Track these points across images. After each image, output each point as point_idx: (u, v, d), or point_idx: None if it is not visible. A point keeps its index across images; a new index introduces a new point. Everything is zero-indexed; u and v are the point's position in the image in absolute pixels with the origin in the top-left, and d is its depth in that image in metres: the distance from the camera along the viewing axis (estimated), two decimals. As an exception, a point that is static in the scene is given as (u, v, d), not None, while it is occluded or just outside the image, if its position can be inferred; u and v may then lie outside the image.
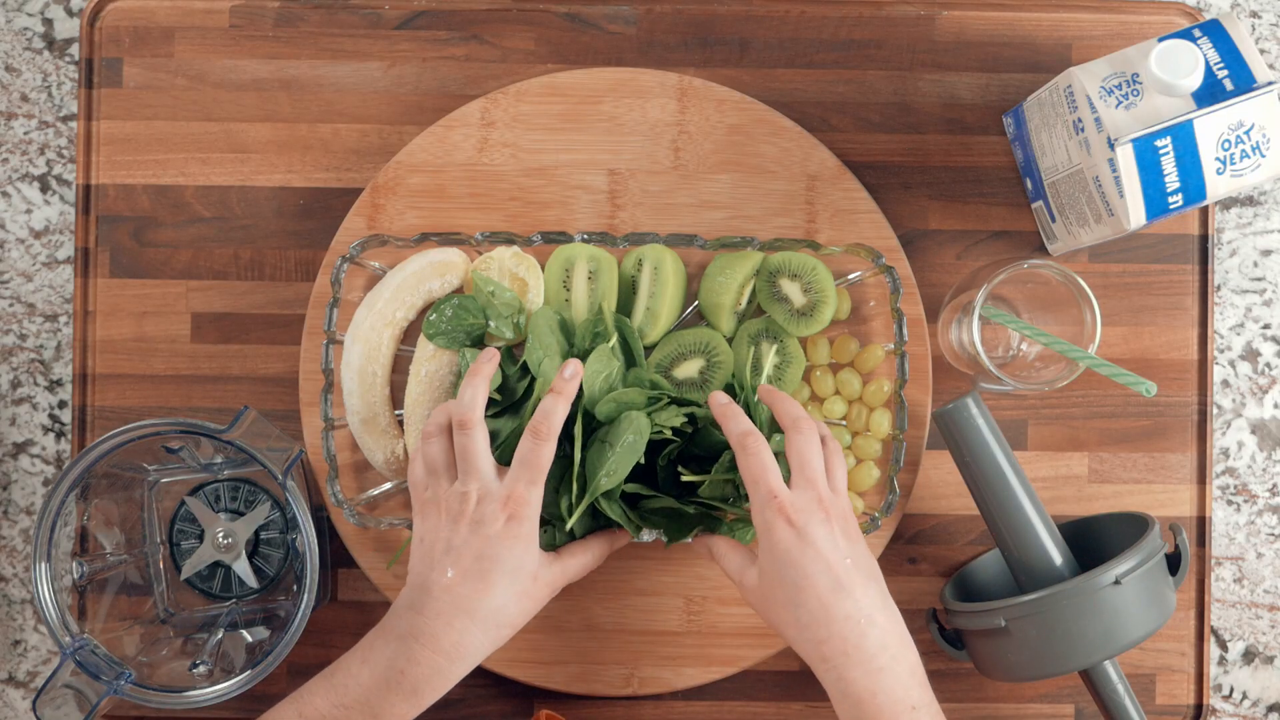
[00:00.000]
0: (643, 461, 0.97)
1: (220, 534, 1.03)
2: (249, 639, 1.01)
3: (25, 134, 1.07)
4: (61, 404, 1.06)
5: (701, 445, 0.98)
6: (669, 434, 0.97)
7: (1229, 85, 0.89)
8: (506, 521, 0.89)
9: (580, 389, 0.98)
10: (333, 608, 1.05)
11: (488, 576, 0.88)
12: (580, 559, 0.94)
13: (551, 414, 0.91)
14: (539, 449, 0.90)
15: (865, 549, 0.88)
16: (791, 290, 1.01)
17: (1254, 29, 1.08)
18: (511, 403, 1.00)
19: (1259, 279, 1.08)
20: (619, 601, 1.03)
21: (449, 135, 1.04)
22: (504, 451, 0.97)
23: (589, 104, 1.04)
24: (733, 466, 0.98)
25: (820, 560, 0.86)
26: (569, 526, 0.95)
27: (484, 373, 0.94)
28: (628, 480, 0.96)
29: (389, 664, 0.88)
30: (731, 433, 0.91)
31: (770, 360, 1.00)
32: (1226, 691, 1.07)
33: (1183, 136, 0.89)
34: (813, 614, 0.85)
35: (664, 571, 1.03)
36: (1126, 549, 0.94)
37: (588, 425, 0.98)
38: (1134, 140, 0.89)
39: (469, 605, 0.88)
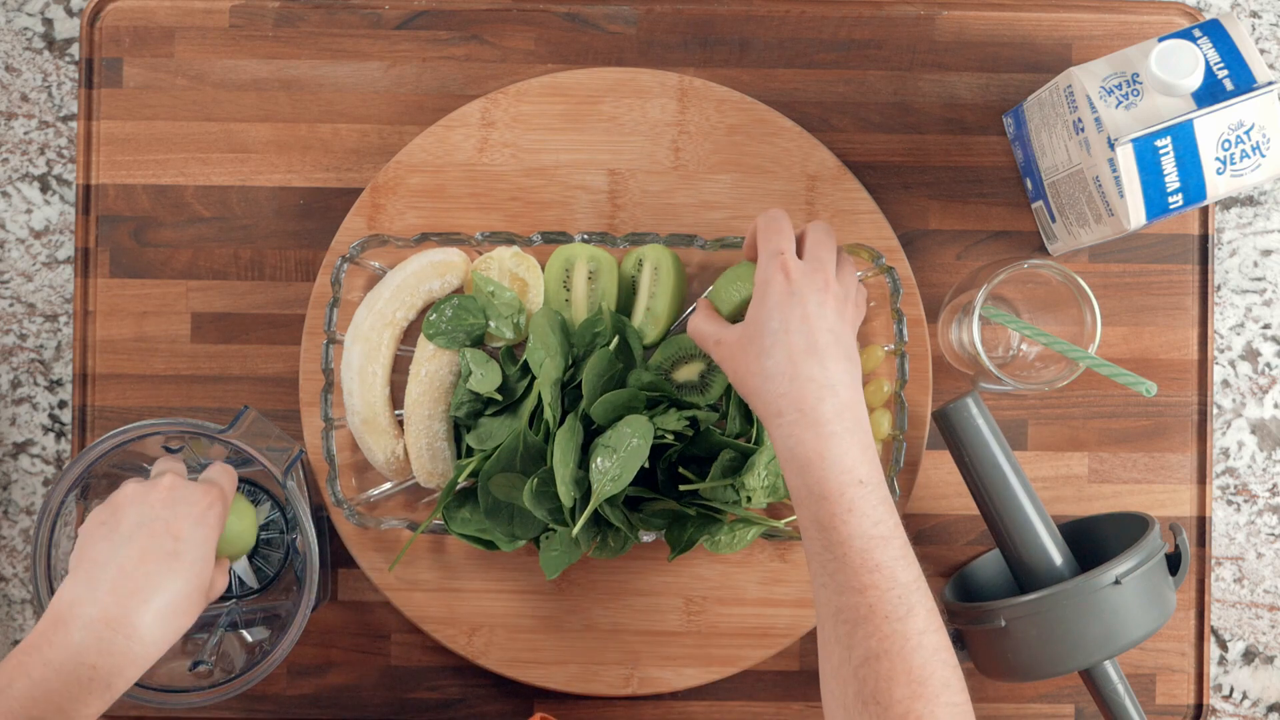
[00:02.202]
0: (646, 465, 0.97)
1: (220, 534, 1.03)
2: (249, 639, 1.01)
3: (25, 134, 1.07)
4: (61, 404, 1.06)
5: (701, 447, 0.98)
6: (670, 438, 0.97)
7: (1229, 85, 0.89)
8: (207, 507, 0.89)
9: (580, 392, 0.98)
10: (333, 608, 1.05)
11: (180, 556, 0.87)
12: (221, 580, 0.94)
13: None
14: (225, 470, 0.94)
15: (851, 336, 0.88)
16: None
17: (1254, 29, 1.08)
18: (510, 403, 1.00)
19: (1259, 279, 1.08)
20: (619, 601, 1.03)
21: (449, 135, 1.04)
22: (500, 453, 0.97)
23: (589, 104, 1.04)
24: (732, 468, 0.98)
25: (804, 320, 0.86)
26: (574, 533, 0.95)
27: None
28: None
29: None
30: (758, 235, 0.91)
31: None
32: (1226, 691, 1.07)
33: (1183, 136, 0.89)
34: (779, 366, 0.85)
35: (664, 571, 1.03)
36: (1126, 549, 0.94)
37: (587, 428, 0.98)
38: (1134, 140, 0.89)
39: (157, 583, 0.86)
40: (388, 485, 1.03)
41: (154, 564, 0.85)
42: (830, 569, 0.82)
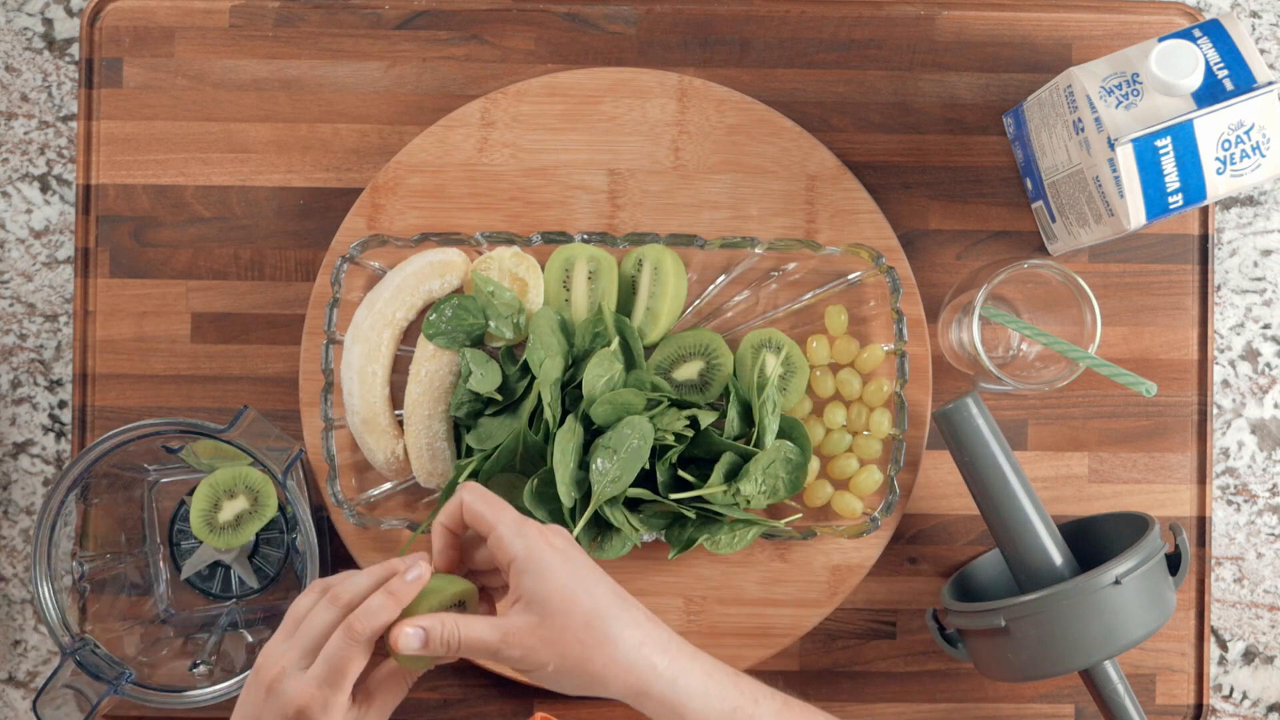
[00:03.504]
0: (646, 466, 0.97)
1: (220, 534, 1.03)
2: (249, 639, 1.01)
3: (25, 134, 1.07)
4: (61, 404, 1.06)
5: (702, 447, 0.98)
6: (671, 439, 0.97)
7: (1229, 85, 0.89)
8: (294, 716, 0.77)
9: (580, 392, 0.98)
10: (333, 608, 1.05)
11: None
12: (390, 702, 0.81)
13: (376, 615, 0.77)
14: (349, 651, 0.77)
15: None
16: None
17: (1254, 29, 1.08)
18: (510, 402, 1.00)
19: (1259, 279, 1.08)
20: (619, 601, 1.03)
21: (449, 135, 1.04)
22: (500, 453, 0.97)
23: (589, 104, 1.04)
24: (733, 471, 0.98)
25: (597, 581, 0.79)
26: (574, 534, 0.96)
27: (403, 596, 0.79)
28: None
29: None
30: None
31: (775, 370, 1.00)
32: (1226, 691, 1.07)
33: (1183, 136, 0.89)
34: (620, 643, 0.78)
35: (664, 571, 1.03)
36: (1126, 549, 0.94)
37: (587, 428, 0.98)
38: (1134, 140, 0.89)
39: None
40: (388, 485, 1.03)
41: None
42: None
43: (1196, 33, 0.91)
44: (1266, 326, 1.07)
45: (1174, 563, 0.98)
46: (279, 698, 0.77)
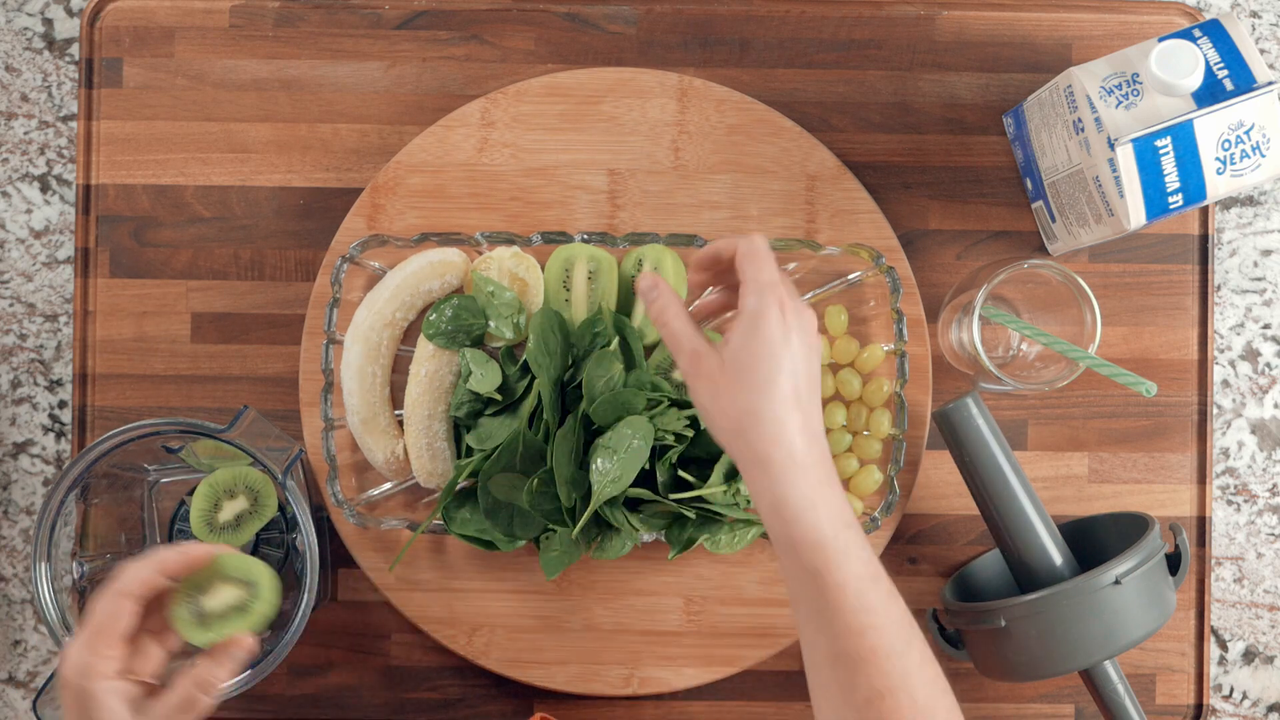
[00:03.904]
0: (646, 466, 0.97)
1: (220, 534, 1.03)
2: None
3: (25, 134, 1.07)
4: (61, 404, 1.06)
5: (702, 447, 0.98)
6: (671, 439, 0.97)
7: (1229, 85, 0.89)
8: (62, 688, 0.81)
9: (580, 392, 0.98)
10: (333, 608, 1.05)
11: None
12: (182, 692, 0.83)
13: (137, 572, 0.82)
14: (109, 606, 0.81)
15: (820, 381, 0.86)
16: None
17: (1254, 29, 1.08)
18: (510, 402, 1.00)
19: (1259, 279, 1.08)
20: (619, 601, 1.03)
21: (449, 135, 1.04)
22: (501, 453, 0.97)
23: (589, 104, 1.04)
24: (733, 470, 0.98)
25: (794, 364, 0.82)
26: (574, 534, 0.96)
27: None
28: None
29: None
30: (735, 251, 0.87)
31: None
32: (1226, 691, 1.07)
33: (1183, 136, 0.89)
34: (771, 411, 0.82)
35: (664, 571, 1.03)
36: (1126, 549, 0.94)
37: (587, 428, 0.98)
38: (1134, 140, 0.89)
39: None
40: (388, 485, 1.03)
41: None
42: (825, 615, 0.81)
43: (1196, 33, 0.91)
44: (1266, 326, 1.07)
45: (1174, 563, 0.98)
46: (61, 678, 0.81)
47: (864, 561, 0.82)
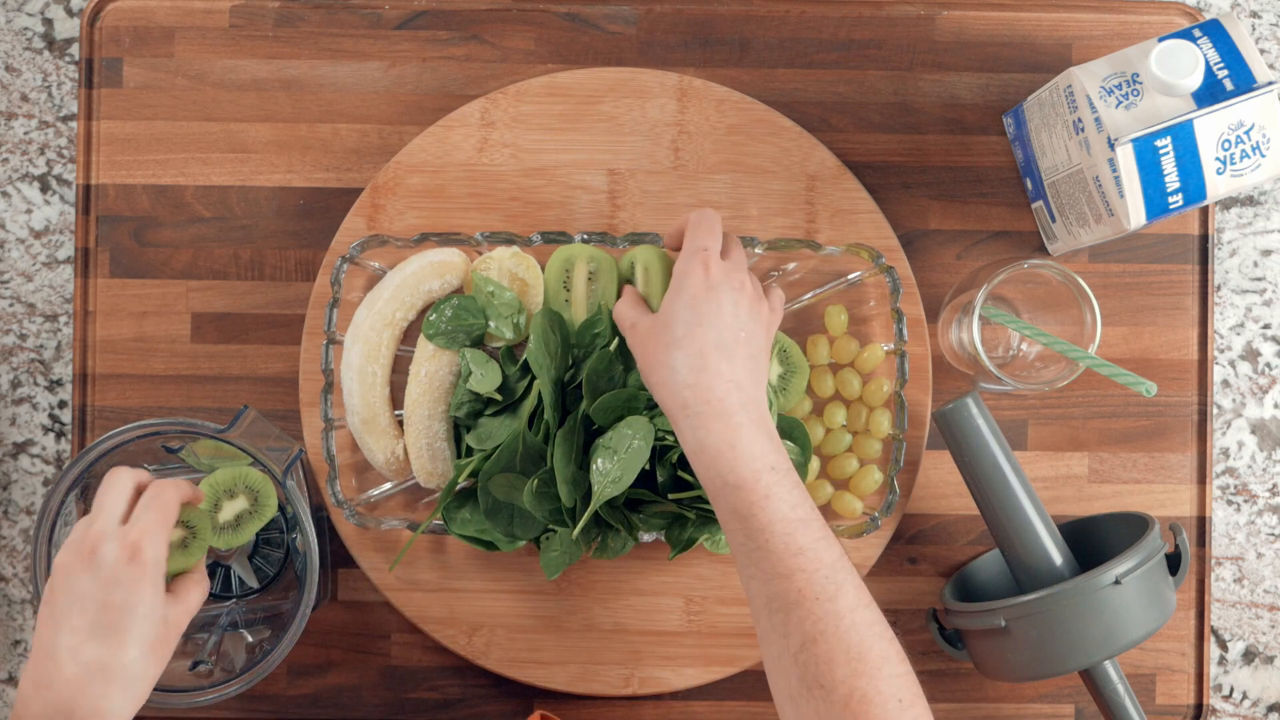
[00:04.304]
0: (646, 467, 0.97)
1: (220, 534, 1.03)
2: (249, 639, 1.01)
3: (25, 134, 1.07)
4: (61, 404, 1.06)
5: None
6: (671, 440, 0.97)
7: (1229, 85, 0.89)
8: (129, 562, 0.82)
9: (580, 392, 0.98)
10: (333, 608, 1.05)
11: (118, 628, 0.82)
12: (197, 591, 0.89)
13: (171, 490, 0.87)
14: (164, 492, 0.86)
15: (762, 338, 0.90)
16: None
17: (1254, 29, 1.08)
18: (510, 402, 1.00)
19: (1259, 279, 1.08)
20: (619, 601, 1.03)
21: (449, 135, 1.04)
22: (501, 453, 0.97)
23: (589, 104, 1.04)
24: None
25: (718, 316, 0.87)
26: (574, 535, 0.96)
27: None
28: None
29: None
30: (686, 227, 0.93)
31: (774, 370, 1.00)
32: (1226, 691, 1.07)
33: (1183, 136, 0.89)
34: (690, 360, 0.86)
35: (664, 571, 1.03)
36: (1126, 549, 0.94)
37: (588, 428, 0.98)
38: (1134, 140, 0.89)
39: (103, 665, 0.81)
40: (388, 485, 1.03)
41: (93, 646, 0.81)
42: (755, 558, 0.83)
43: (1196, 33, 0.91)
44: (1266, 326, 1.07)
45: (1174, 563, 0.98)
46: (106, 553, 0.82)
47: (792, 505, 0.83)
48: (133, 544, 0.83)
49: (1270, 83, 0.89)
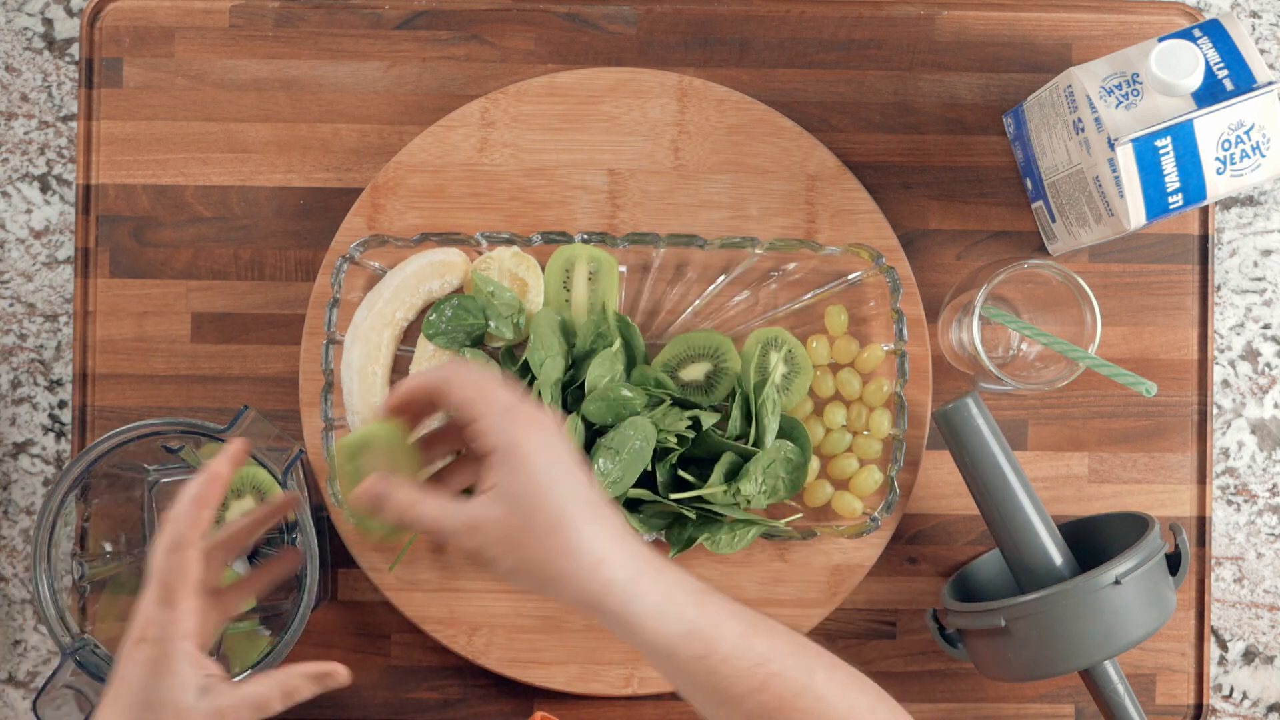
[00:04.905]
0: (648, 467, 0.97)
1: (220, 534, 1.03)
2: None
3: (25, 134, 1.07)
4: (61, 404, 1.06)
5: (703, 448, 0.98)
6: (673, 442, 0.97)
7: (1229, 85, 0.89)
8: (135, 644, 0.79)
9: (580, 392, 0.98)
10: (333, 608, 1.05)
11: (128, 715, 0.79)
12: (262, 691, 0.82)
13: (179, 521, 0.80)
14: (171, 562, 0.79)
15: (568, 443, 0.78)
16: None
17: (1254, 29, 1.08)
18: (511, 403, 1.00)
19: (1259, 279, 1.08)
20: (619, 601, 1.03)
21: (449, 135, 1.04)
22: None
23: (589, 104, 1.04)
24: (733, 471, 0.98)
25: (574, 476, 0.76)
26: None
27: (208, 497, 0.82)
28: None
29: None
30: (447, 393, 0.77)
31: (778, 370, 1.00)
32: (1226, 691, 1.07)
33: (1183, 136, 0.89)
34: (583, 543, 0.74)
35: (664, 571, 1.03)
36: (1126, 549, 0.94)
37: (588, 429, 0.98)
38: (1134, 140, 0.89)
39: None
40: (388, 485, 1.03)
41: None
42: (723, 689, 0.76)
43: (1196, 33, 0.91)
44: (1266, 326, 1.07)
45: (1174, 563, 0.98)
46: (133, 629, 0.79)
47: (735, 616, 0.78)
48: (140, 628, 0.80)
49: (1270, 83, 0.89)
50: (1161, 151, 0.90)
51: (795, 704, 0.77)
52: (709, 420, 0.98)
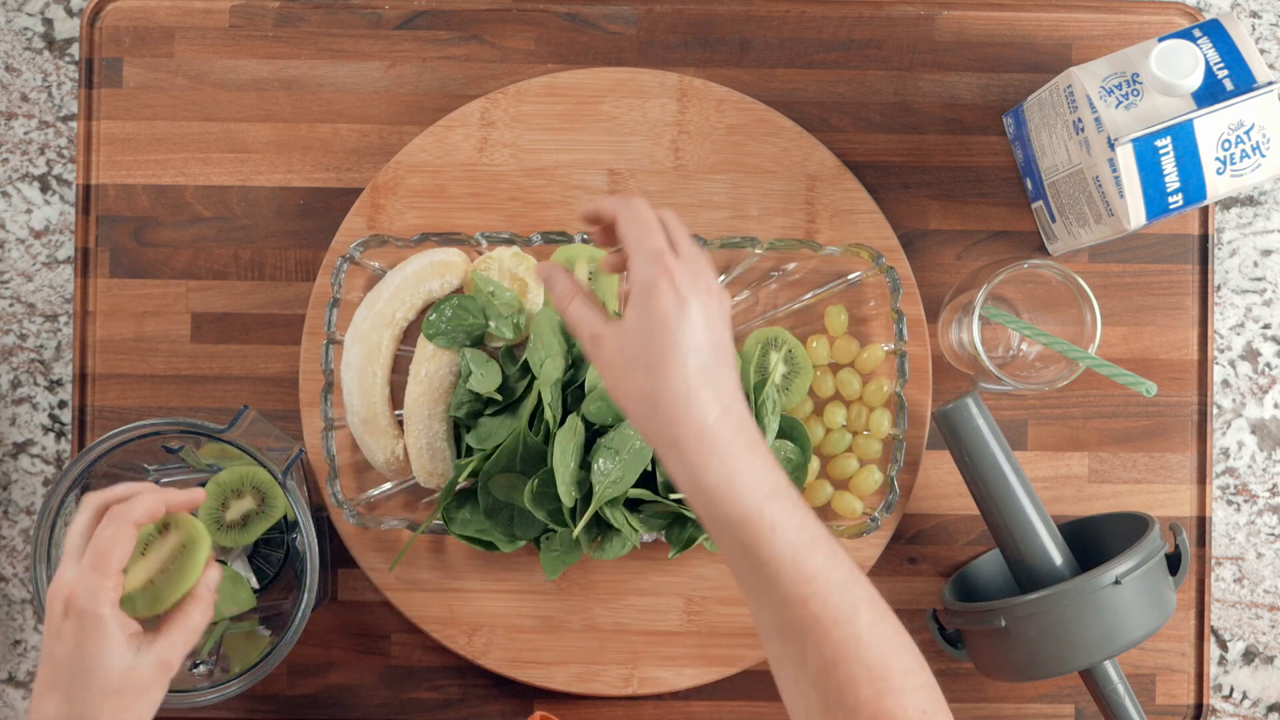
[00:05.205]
0: (649, 468, 0.97)
1: (220, 534, 1.03)
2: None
3: (25, 134, 1.07)
4: (61, 404, 1.06)
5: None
6: None
7: (1229, 85, 0.89)
8: (63, 617, 0.80)
9: (581, 392, 0.98)
10: (333, 608, 1.05)
11: (70, 685, 0.80)
12: (196, 612, 0.85)
13: (140, 503, 0.83)
14: (114, 532, 0.81)
15: (731, 340, 0.81)
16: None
17: (1254, 29, 1.08)
18: (510, 402, 1.00)
19: (1259, 279, 1.08)
20: (619, 601, 1.03)
21: (449, 135, 1.04)
22: (501, 453, 0.97)
23: (589, 104, 1.04)
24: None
25: (694, 335, 0.77)
26: (575, 535, 0.96)
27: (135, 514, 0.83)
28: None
29: None
30: (616, 222, 0.82)
31: (778, 370, 1.00)
32: (1226, 691, 1.07)
33: (1183, 136, 0.89)
34: (673, 390, 0.77)
35: (664, 571, 1.03)
36: (1126, 549, 0.94)
37: (588, 428, 0.98)
38: (1134, 140, 0.89)
39: None
40: (388, 485, 1.03)
41: (54, 702, 0.81)
42: (764, 589, 0.78)
43: (1196, 33, 0.91)
44: (1266, 326, 1.07)
45: (1174, 563, 0.98)
46: (52, 608, 0.81)
47: (796, 529, 0.78)
48: (65, 600, 0.81)
49: (1270, 83, 0.89)
50: (1161, 151, 0.90)
51: (830, 633, 0.77)
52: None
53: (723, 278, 1.03)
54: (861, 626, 0.77)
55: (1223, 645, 1.07)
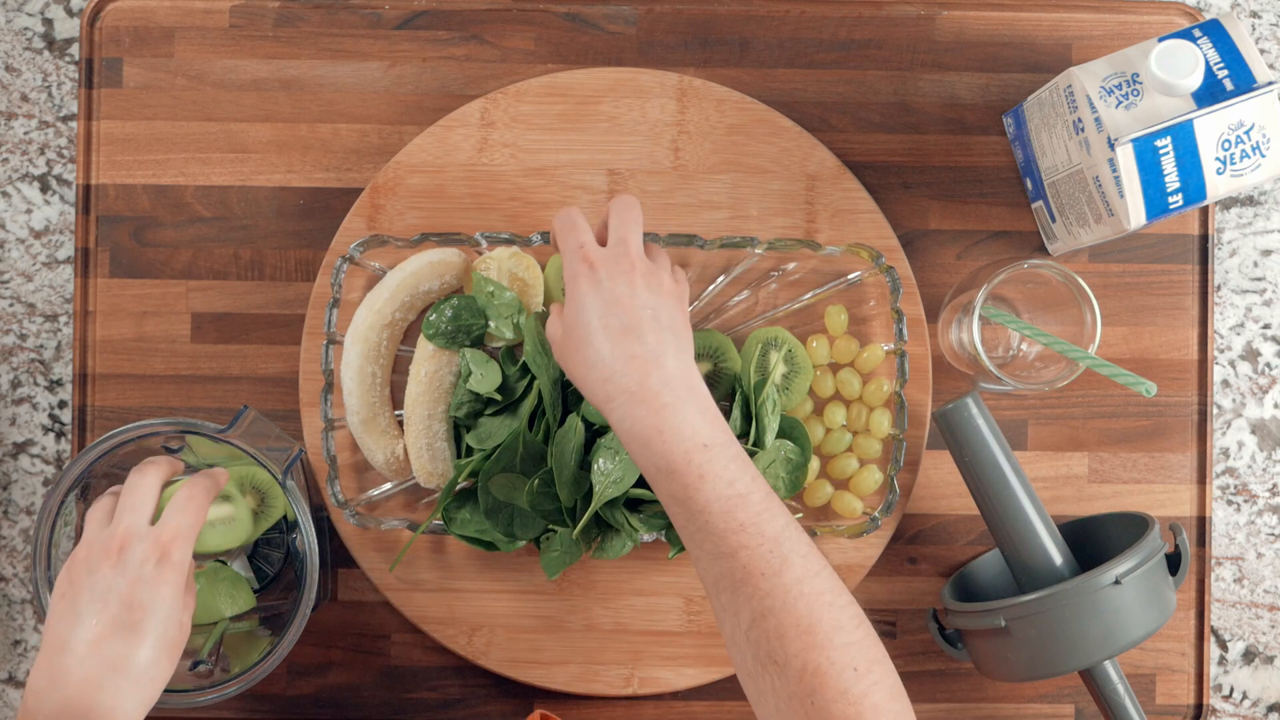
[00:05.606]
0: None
1: (220, 534, 1.03)
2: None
3: (25, 134, 1.07)
4: (61, 404, 1.06)
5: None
6: None
7: (1229, 85, 0.89)
8: (158, 563, 0.83)
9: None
10: (333, 608, 1.05)
11: (139, 628, 0.82)
12: (191, 596, 0.88)
13: (216, 479, 0.90)
14: (198, 494, 0.87)
15: (673, 308, 0.88)
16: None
17: (1254, 29, 1.08)
18: (510, 402, 1.00)
19: (1259, 279, 1.08)
20: (619, 601, 1.03)
21: (449, 135, 1.04)
22: (501, 453, 0.97)
23: (589, 104, 1.04)
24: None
25: (615, 303, 0.86)
26: (575, 535, 0.96)
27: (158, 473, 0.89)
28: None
29: None
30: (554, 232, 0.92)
31: (778, 370, 1.00)
32: (1226, 691, 1.07)
33: (1183, 136, 0.89)
34: (599, 353, 0.85)
35: (664, 571, 1.03)
36: (1126, 549, 0.94)
37: (588, 428, 0.98)
38: (1134, 140, 0.89)
39: (120, 662, 0.81)
40: (388, 485, 1.03)
41: (113, 643, 0.81)
42: (698, 539, 0.82)
43: (1196, 33, 0.91)
44: (1266, 326, 1.07)
45: (1174, 563, 0.98)
46: (135, 553, 0.83)
47: (728, 481, 0.81)
48: (164, 545, 0.84)
49: (1270, 83, 0.89)
50: (1161, 151, 0.90)
51: (759, 584, 0.79)
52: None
53: (722, 278, 1.03)
54: (789, 580, 0.79)
55: (1223, 645, 1.07)
